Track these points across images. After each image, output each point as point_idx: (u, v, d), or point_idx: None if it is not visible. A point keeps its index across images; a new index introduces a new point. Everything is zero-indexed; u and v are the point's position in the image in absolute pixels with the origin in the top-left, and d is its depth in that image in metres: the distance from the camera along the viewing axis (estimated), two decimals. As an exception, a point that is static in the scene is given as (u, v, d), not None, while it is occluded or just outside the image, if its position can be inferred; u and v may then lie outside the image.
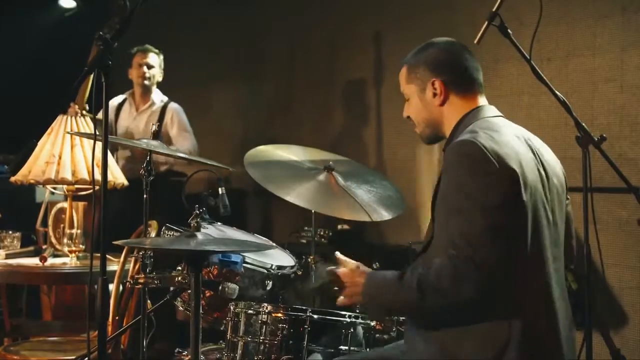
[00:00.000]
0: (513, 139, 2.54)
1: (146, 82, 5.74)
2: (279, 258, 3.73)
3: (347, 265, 2.76)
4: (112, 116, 5.73)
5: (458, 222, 2.38)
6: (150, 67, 5.75)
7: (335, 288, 2.75)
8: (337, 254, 2.84)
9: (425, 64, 2.71)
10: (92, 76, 2.62)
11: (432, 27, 5.15)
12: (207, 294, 3.40)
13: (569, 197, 2.77)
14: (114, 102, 5.81)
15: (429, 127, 2.77)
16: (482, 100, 2.71)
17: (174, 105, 5.84)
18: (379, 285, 2.59)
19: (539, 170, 2.54)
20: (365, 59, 5.73)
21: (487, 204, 2.36)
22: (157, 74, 5.80)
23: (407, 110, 2.81)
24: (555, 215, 2.58)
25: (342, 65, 5.94)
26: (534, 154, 2.58)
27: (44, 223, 4.84)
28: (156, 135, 3.67)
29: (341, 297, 2.72)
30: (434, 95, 2.69)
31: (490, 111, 2.68)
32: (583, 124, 2.89)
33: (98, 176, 2.63)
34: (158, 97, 5.87)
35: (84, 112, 4.67)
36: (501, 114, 2.70)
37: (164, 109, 5.80)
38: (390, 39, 5.53)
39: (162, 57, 5.82)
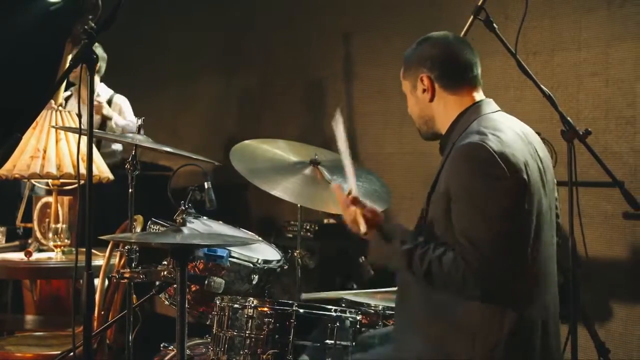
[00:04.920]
0: (517, 139, 2.51)
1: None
2: (265, 252, 3.73)
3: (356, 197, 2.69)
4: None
5: (467, 227, 2.38)
6: None
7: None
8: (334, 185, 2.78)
9: (417, 59, 2.69)
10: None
11: (421, 18, 5.16)
12: (193, 288, 3.40)
13: (557, 191, 2.77)
14: (65, 94, 5.75)
15: (423, 124, 2.75)
16: (477, 96, 2.67)
17: (120, 98, 5.81)
18: (386, 251, 2.58)
19: (539, 168, 2.53)
20: (351, 53, 5.73)
21: (495, 211, 2.36)
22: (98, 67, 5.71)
23: (408, 107, 2.80)
24: (551, 211, 2.59)
25: (327, 59, 5.94)
26: (533, 150, 2.57)
27: (24, 219, 4.83)
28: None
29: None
30: (424, 91, 2.67)
31: (489, 106, 2.64)
32: (568, 118, 2.90)
33: (83, 170, 2.62)
34: (103, 90, 5.83)
35: (60, 108, 4.65)
36: (499, 109, 2.67)
37: (109, 102, 5.77)
38: (377, 32, 5.53)
39: (99, 50, 5.72)
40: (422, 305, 2.54)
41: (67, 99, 5.78)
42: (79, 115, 2.72)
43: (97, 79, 5.75)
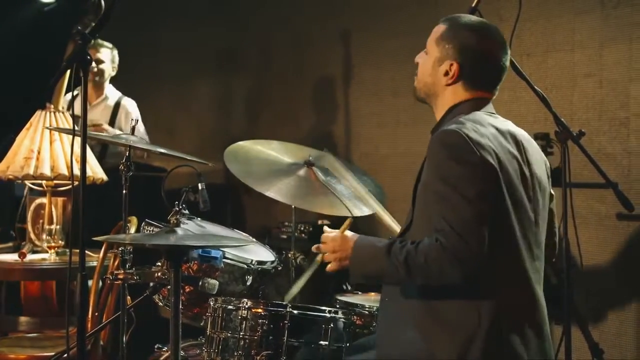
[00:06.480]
0: (495, 134, 2.53)
1: (96, 77, 5.66)
2: (259, 253, 3.73)
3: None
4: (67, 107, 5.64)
5: (442, 210, 2.40)
6: (99, 62, 5.66)
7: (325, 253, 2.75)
8: (325, 228, 2.84)
9: (458, 43, 2.66)
10: (67, 74, 2.60)
11: (416, 19, 5.16)
12: (187, 290, 3.40)
13: (553, 193, 2.77)
14: (68, 96, 5.73)
15: (424, 90, 2.75)
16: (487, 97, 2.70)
17: (127, 100, 5.78)
18: (366, 253, 2.59)
19: (522, 168, 2.53)
20: (347, 54, 5.73)
21: (470, 193, 2.37)
22: (108, 68, 5.69)
23: (419, 58, 2.77)
24: (537, 215, 2.58)
25: (321, 60, 5.94)
26: (520, 152, 2.57)
27: (22, 219, 4.81)
28: (133, 131, 3.67)
29: (330, 264, 2.72)
30: (446, 73, 2.66)
31: (484, 107, 2.66)
32: (562, 119, 2.91)
33: (77, 171, 2.62)
34: (112, 91, 5.80)
35: (61, 109, 4.64)
36: (494, 111, 2.68)
37: (117, 104, 5.75)
38: (372, 33, 5.53)
39: (115, 51, 5.72)
40: (405, 301, 2.55)
41: (75, 97, 5.75)
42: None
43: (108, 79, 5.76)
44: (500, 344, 2.43)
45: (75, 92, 5.66)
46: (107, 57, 5.69)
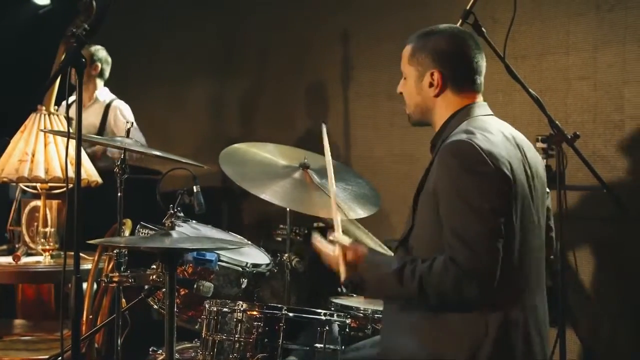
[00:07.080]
0: (504, 140, 2.52)
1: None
2: (254, 256, 3.73)
3: (339, 242, 2.68)
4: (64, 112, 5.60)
5: (454, 223, 2.38)
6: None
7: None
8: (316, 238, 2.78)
9: (430, 51, 2.64)
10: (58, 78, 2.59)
11: (411, 21, 5.16)
12: (182, 292, 3.39)
13: (548, 190, 2.76)
14: (69, 100, 5.70)
15: (418, 112, 2.73)
16: (477, 98, 2.68)
17: (118, 103, 5.73)
18: (376, 279, 2.55)
19: (525, 171, 2.53)
20: (340, 56, 5.73)
21: (484, 207, 2.35)
22: (88, 69, 5.60)
23: (401, 87, 2.76)
24: (539, 216, 2.57)
25: (317, 62, 5.94)
26: (521, 154, 2.57)
27: (15, 222, 4.80)
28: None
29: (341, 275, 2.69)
30: (431, 85, 2.64)
31: (481, 109, 2.65)
32: (557, 122, 2.91)
33: (72, 174, 2.62)
34: (104, 93, 5.75)
35: (53, 112, 4.62)
36: (491, 113, 2.68)
37: (107, 106, 5.71)
38: (367, 36, 5.54)
39: (102, 52, 5.66)
40: (411, 305, 2.53)
41: (72, 104, 5.71)
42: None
43: (100, 82, 5.72)
44: (509, 349, 2.43)
45: (73, 98, 5.63)
46: (90, 58, 5.59)
